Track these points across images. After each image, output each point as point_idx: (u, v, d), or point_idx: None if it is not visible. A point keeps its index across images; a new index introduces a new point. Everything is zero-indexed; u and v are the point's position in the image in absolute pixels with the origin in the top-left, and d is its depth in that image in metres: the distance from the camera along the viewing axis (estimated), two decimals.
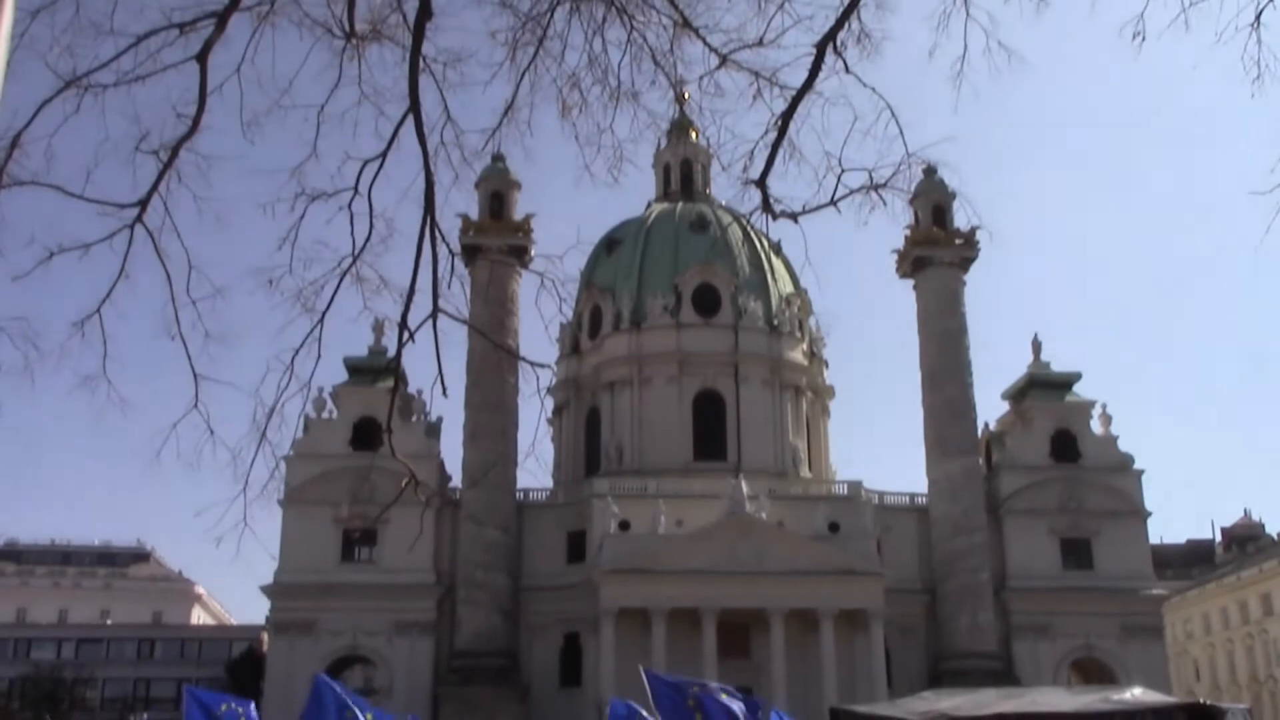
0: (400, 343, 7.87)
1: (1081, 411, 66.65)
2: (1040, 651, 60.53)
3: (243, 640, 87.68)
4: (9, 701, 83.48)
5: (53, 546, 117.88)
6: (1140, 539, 64.33)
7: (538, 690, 57.73)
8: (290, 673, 55.87)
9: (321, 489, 58.20)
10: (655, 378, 68.67)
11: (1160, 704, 10.51)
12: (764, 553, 56.03)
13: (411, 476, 8.05)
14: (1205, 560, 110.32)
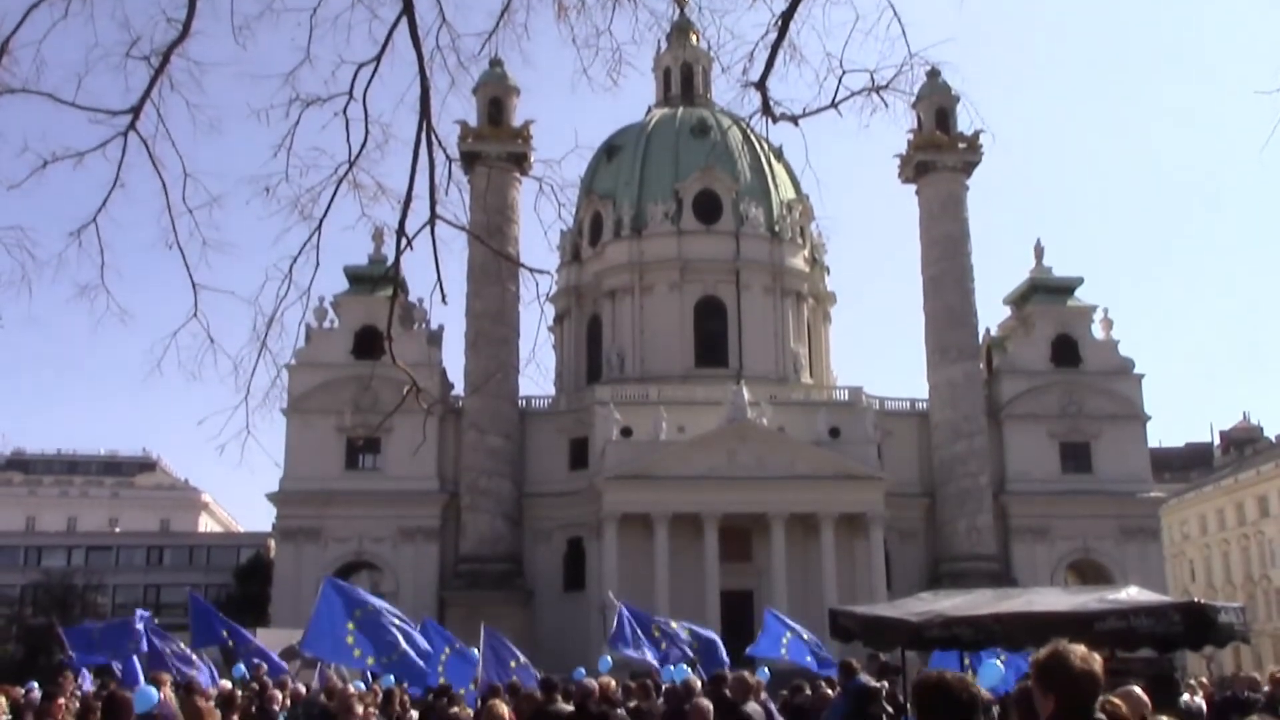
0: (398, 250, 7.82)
1: (1083, 316, 66.62)
2: (1038, 554, 61.25)
3: (250, 547, 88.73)
4: (22, 607, 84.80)
5: (59, 456, 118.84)
6: (1139, 442, 64.71)
7: (542, 594, 58.59)
8: (297, 578, 56.77)
9: (324, 398, 58.48)
10: (656, 285, 68.53)
11: (1155, 603, 10.65)
12: (765, 458, 56.46)
13: (413, 384, 8.06)
14: (1203, 463, 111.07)
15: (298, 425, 59.06)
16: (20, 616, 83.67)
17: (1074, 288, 68.26)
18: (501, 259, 47.57)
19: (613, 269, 69.77)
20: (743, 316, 67.76)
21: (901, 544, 60.62)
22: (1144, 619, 9.95)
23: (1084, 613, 10.20)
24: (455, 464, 60.44)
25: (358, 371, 54.93)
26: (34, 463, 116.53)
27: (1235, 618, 10.52)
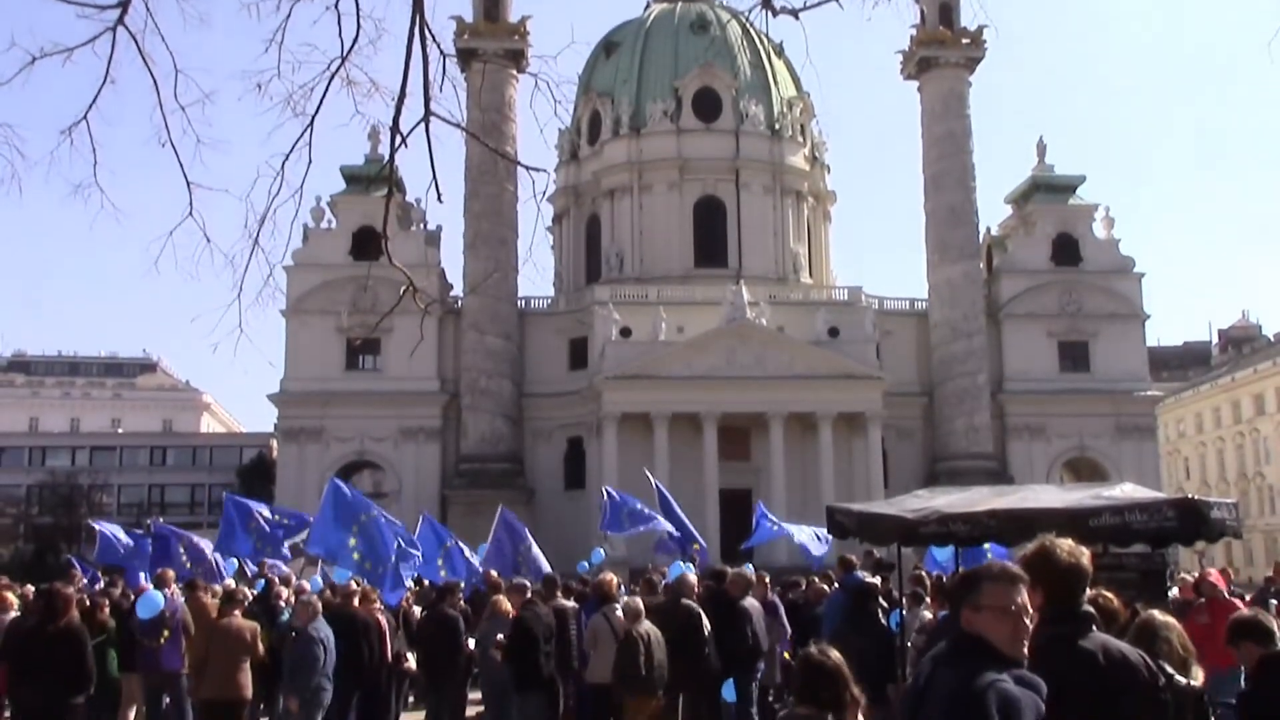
0: (393, 147, 7.71)
1: (1084, 215, 66.25)
2: (1035, 452, 61.72)
3: (252, 447, 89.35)
4: (28, 507, 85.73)
5: (60, 358, 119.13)
6: (1137, 341, 64.80)
7: (542, 493, 59.17)
8: (300, 478, 57.35)
9: (323, 299, 58.44)
10: (655, 184, 68.02)
11: (1149, 499, 10.73)
12: (764, 358, 56.58)
13: (410, 283, 8.02)
14: (1201, 362, 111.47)
15: (297, 326, 59.15)
16: (27, 516, 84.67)
17: (1076, 186, 67.79)
18: (499, 158, 47.18)
19: (611, 168, 69.17)
20: (742, 216, 67.37)
21: (899, 443, 61.05)
22: (1138, 515, 10.03)
23: (1079, 509, 10.28)
24: (455, 364, 60.62)
25: (356, 272, 54.86)
26: (35, 364, 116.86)
27: (1228, 514, 10.61)
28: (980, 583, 4.07)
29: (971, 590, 4.07)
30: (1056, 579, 4.43)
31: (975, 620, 3.97)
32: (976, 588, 4.06)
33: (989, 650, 3.87)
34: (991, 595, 3.99)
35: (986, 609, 3.96)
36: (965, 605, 4.04)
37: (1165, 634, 5.60)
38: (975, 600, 4.01)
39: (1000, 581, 4.03)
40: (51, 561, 59.31)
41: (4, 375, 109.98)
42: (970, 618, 3.99)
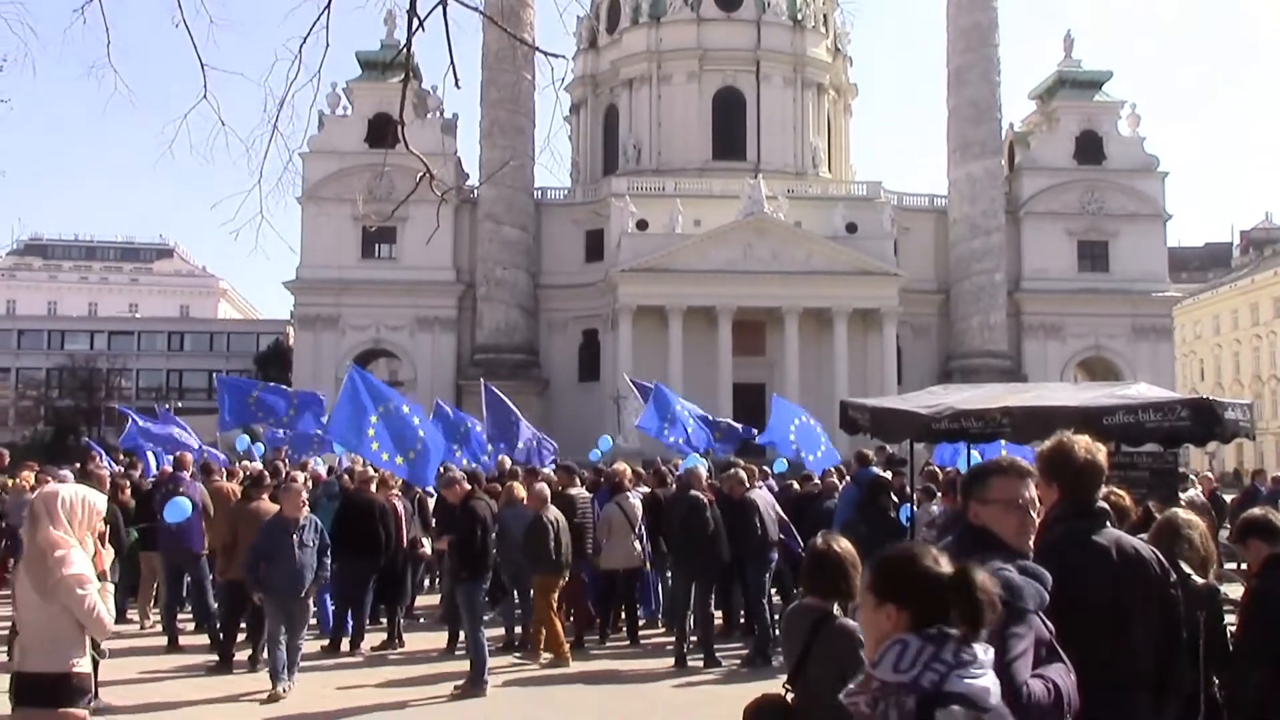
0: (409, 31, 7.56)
1: (1109, 111, 65.11)
2: (1050, 351, 61.61)
3: (269, 334, 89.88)
4: (48, 390, 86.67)
5: (77, 242, 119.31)
6: (1158, 242, 64.20)
7: (557, 384, 59.48)
8: (316, 365, 57.71)
9: (339, 186, 58.12)
10: (674, 74, 67.09)
11: (1163, 399, 10.71)
12: (780, 252, 56.33)
13: (426, 170, 7.93)
14: (1222, 263, 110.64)
15: (313, 213, 58.98)
16: (47, 399, 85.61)
17: (1102, 82, 66.55)
18: (517, 44, 46.44)
19: (630, 57, 68.16)
20: (762, 108, 66.51)
21: (914, 340, 61.02)
22: (1152, 414, 10.03)
23: (1093, 407, 10.27)
24: (471, 255, 60.50)
25: (372, 160, 54.48)
26: (53, 248, 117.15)
27: (1241, 415, 10.61)
28: (989, 477, 4.08)
29: (980, 484, 4.09)
30: (1073, 475, 4.44)
31: (982, 513, 4.00)
32: (985, 481, 4.08)
33: (995, 542, 3.91)
34: (1000, 489, 4.01)
35: (994, 502, 3.99)
36: (973, 499, 4.07)
37: (1187, 533, 5.62)
38: (983, 494, 4.04)
39: (1009, 475, 4.05)
40: (71, 444, 60.12)
41: (21, 258, 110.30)
42: (978, 510, 4.02)
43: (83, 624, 5.60)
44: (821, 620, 5.22)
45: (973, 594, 3.06)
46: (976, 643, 3.05)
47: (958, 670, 2.98)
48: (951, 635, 3.03)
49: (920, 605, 3.07)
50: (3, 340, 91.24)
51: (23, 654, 5.66)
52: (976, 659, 3.02)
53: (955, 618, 3.03)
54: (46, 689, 5.52)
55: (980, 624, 3.06)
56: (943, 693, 2.96)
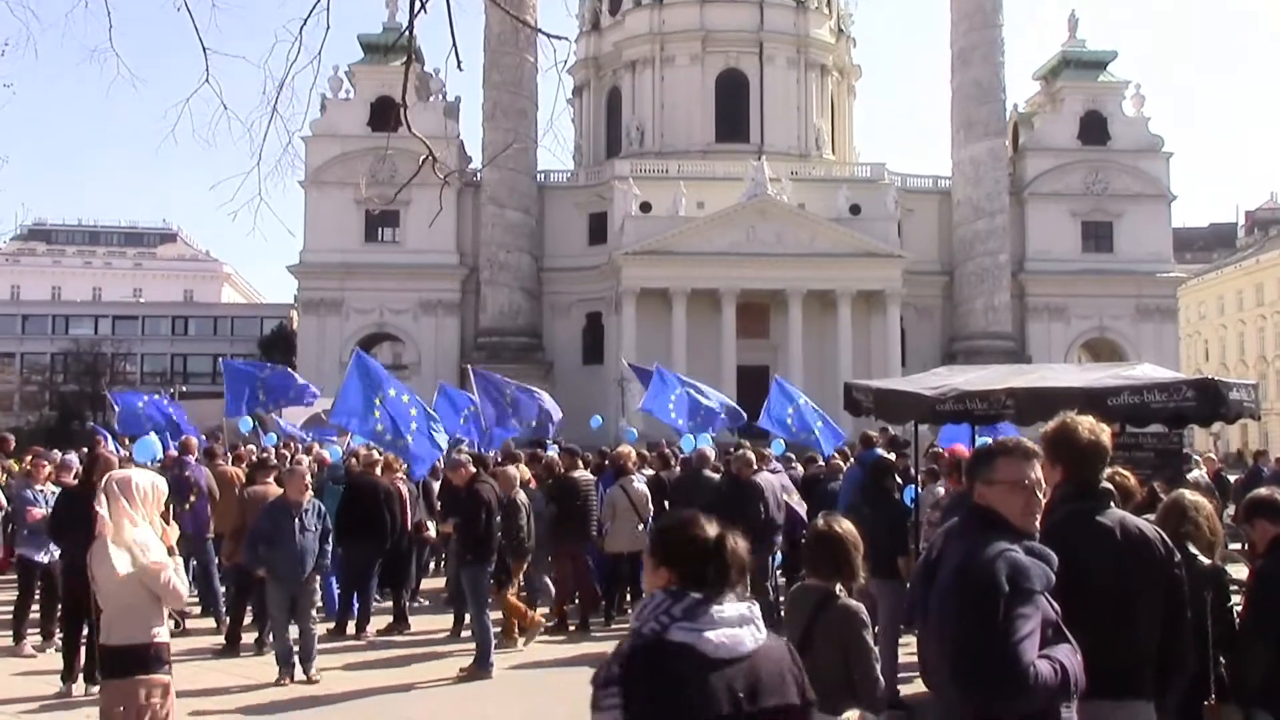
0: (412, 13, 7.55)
1: (1114, 92, 64.90)
2: (1054, 332, 61.56)
3: (273, 318, 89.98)
4: (53, 375, 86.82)
5: (80, 227, 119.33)
6: (1162, 222, 64.03)
7: (561, 367, 59.50)
8: (320, 349, 57.80)
9: (342, 169, 58.05)
10: (677, 56, 66.93)
11: (1168, 379, 10.69)
12: (784, 235, 56.28)
13: (429, 152, 7.91)
14: (1226, 244, 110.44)
15: (316, 197, 58.95)
16: (52, 384, 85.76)
17: (1107, 62, 66.32)
18: (519, 26, 46.35)
19: (633, 39, 67.99)
20: (765, 90, 66.38)
21: (918, 321, 60.99)
22: (1156, 394, 10.00)
23: (1097, 388, 10.24)
24: (474, 238, 60.49)
25: (375, 143, 54.44)
26: (56, 233, 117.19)
27: (1246, 395, 10.58)
28: (994, 457, 4.08)
29: (985, 464, 4.09)
30: (1077, 455, 4.44)
31: (988, 494, 4.00)
32: (990, 462, 4.07)
33: (1000, 523, 3.91)
34: (1005, 469, 4.00)
35: (1000, 483, 3.98)
36: (978, 479, 4.06)
37: (1194, 515, 5.62)
38: (989, 474, 4.03)
39: (1014, 456, 4.04)
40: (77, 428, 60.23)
41: (25, 244, 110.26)
42: (983, 491, 4.02)
43: (161, 597, 6.13)
44: (824, 600, 5.24)
45: (722, 557, 3.29)
46: (727, 601, 3.24)
47: (682, 622, 3.16)
48: (689, 593, 3.22)
49: (684, 567, 3.27)
50: (7, 325, 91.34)
51: (106, 629, 6.11)
52: (714, 614, 3.19)
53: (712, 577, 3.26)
54: (132, 659, 6.02)
55: (725, 583, 3.26)
56: (662, 640, 3.15)
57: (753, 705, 3.16)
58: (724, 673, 3.14)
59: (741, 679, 3.17)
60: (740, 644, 3.20)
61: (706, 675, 3.12)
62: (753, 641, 3.24)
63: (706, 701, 3.10)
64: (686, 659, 3.13)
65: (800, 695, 3.35)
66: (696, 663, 3.13)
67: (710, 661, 3.15)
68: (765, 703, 3.19)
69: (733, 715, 3.12)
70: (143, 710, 6.01)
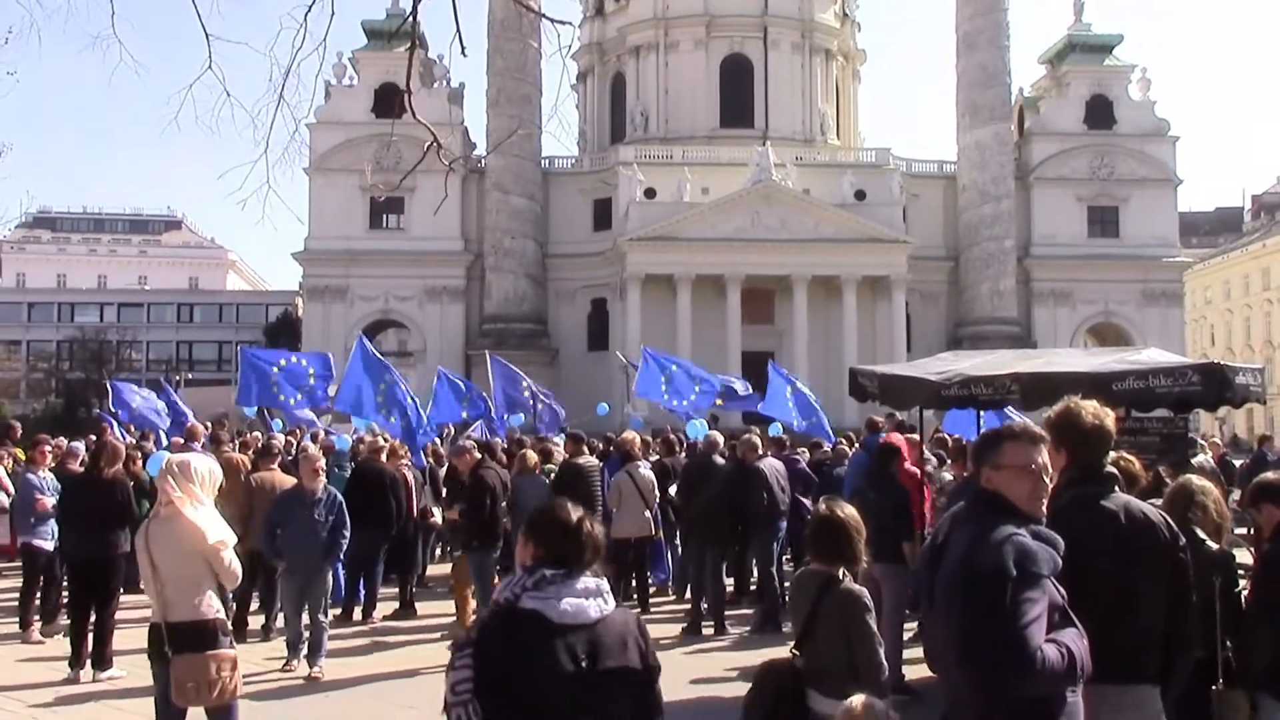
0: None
1: (1120, 76, 64.64)
2: (1059, 317, 61.45)
3: (278, 305, 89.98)
4: (58, 363, 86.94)
5: (85, 214, 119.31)
6: (1168, 206, 63.85)
7: (566, 353, 59.49)
8: (325, 336, 57.68)
9: (346, 156, 57.97)
10: (682, 41, 66.73)
11: (1173, 364, 10.66)
12: (789, 220, 56.18)
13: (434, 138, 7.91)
14: (1233, 228, 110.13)
15: (321, 184, 58.88)
16: (58, 371, 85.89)
17: (1113, 46, 66.06)
18: (523, 11, 46.19)
19: (637, 24, 67.78)
20: (770, 75, 66.17)
21: (923, 307, 60.90)
22: (1162, 379, 9.98)
23: (1102, 372, 10.22)
24: (479, 225, 60.44)
25: (379, 130, 54.39)
26: (61, 220, 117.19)
27: (1252, 379, 10.55)
28: (1001, 442, 4.08)
29: (992, 449, 4.09)
30: (1081, 440, 4.44)
31: (995, 479, 4.00)
32: (997, 447, 4.07)
33: (1007, 507, 3.91)
34: (1012, 454, 4.00)
35: (1006, 467, 3.98)
36: (985, 464, 4.06)
37: (1201, 499, 5.62)
38: (995, 459, 4.03)
39: (1021, 440, 4.04)
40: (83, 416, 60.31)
41: (30, 231, 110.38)
42: (990, 476, 4.02)
43: (219, 575, 6.50)
44: (827, 585, 5.25)
45: (578, 538, 3.67)
46: (579, 576, 3.62)
47: (533, 592, 3.55)
48: (543, 568, 3.61)
49: (547, 545, 3.68)
50: (13, 313, 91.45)
51: (168, 606, 6.42)
52: (565, 586, 3.58)
53: (572, 555, 3.66)
54: (199, 635, 6.36)
55: (581, 561, 3.65)
56: (514, 608, 3.55)
57: (594, 666, 3.53)
58: (568, 637, 3.53)
59: (584, 643, 3.54)
60: (585, 613, 3.57)
61: (552, 639, 3.51)
62: (598, 611, 3.61)
63: (551, 661, 3.49)
64: (534, 624, 3.52)
65: (642, 660, 3.68)
66: (544, 628, 3.51)
67: (556, 627, 3.52)
68: (605, 664, 3.55)
69: (575, 674, 3.49)
70: (214, 683, 6.33)
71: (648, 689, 3.72)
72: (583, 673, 3.51)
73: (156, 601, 6.49)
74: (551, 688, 3.47)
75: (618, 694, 3.60)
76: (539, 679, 3.48)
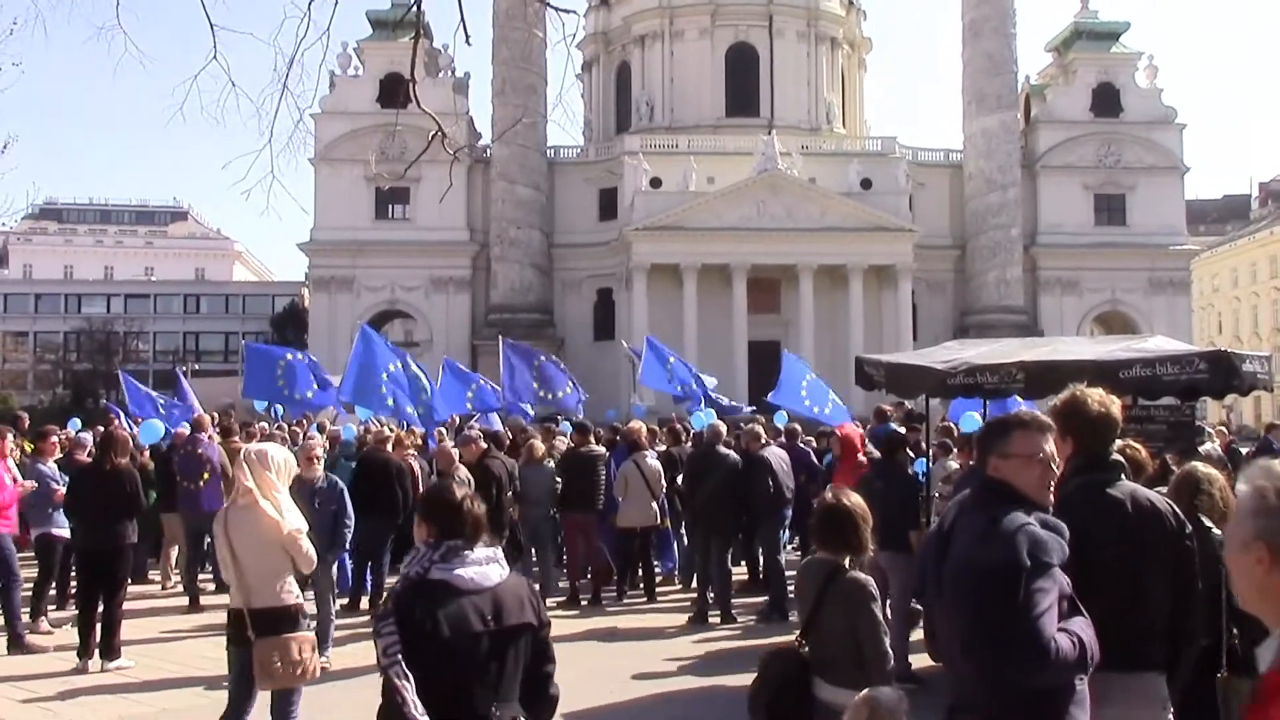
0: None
1: (1126, 63, 64.44)
2: (1066, 306, 61.36)
3: (285, 296, 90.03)
4: (65, 354, 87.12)
5: (91, 205, 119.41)
6: (1175, 194, 63.68)
7: (572, 343, 59.48)
8: (331, 326, 57.88)
9: (351, 146, 57.94)
10: (687, 30, 66.62)
11: (1180, 351, 10.63)
12: (795, 209, 56.09)
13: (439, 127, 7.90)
14: (1240, 215, 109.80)
15: (326, 175, 58.89)
16: (65, 362, 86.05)
17: (1119, 33, 65.84)
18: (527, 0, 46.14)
19: (642, 13, 67.66)
20: (775, 63, 66.03)
21: (929, 296, 60.82)
22: (1169, 367, 9.95)
23: (1109, 360, 10.19)
24: (484, 215, 60.45)
25: (384, 120, 54.33)
26: (67, 212, 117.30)
27: (1260, 366, 10.52)
28: (1010, 430, 4.07)
29: (1000, 437, 4.08)
30: (1086, 428, 4.43)
31: (1003, 467, 3.99)
32: (1006, 435, 4.06)
33: (1015, 496, 3.90)
34: (1020, 443, 3.99)
35: (1015, 456, 3.97)
36: (993, 453, 4.05)
37: (1207, 487, 5.61)
38: (1004, 448, 4.02)
39: (1029, 429, 4.03)
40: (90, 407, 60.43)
41: (36, 222, 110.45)
42: (998, 465, 4.01)
43: (296, 562, 6.81)
44: (833, 573, 5.25)
45: (464, 515, 4.25)
46: (476, 547, 4.22)
47: (440, 564, 4.15)
48: (445, 542, 4.20)
49: (440, 524, 4.27)
50: (20, 304, 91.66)
51: (248, 592, 6.67)
52: (465, 556, 4.18)
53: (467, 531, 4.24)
54: (280, 619, 6.63)
55: (473, 535, 4.24)
56: (425, 579, 4.13)
57: (498, 624, 4.13)
58: (474, 600, 4.12)
59: (488, 604, 4.14)
60: (486, 578, 4.19)
61: (460, 602, 4.10)
62: (498, 576, 4.23)
63: (462, 621, 4.07)
64: (444, 591, 4.11)
65: (536, 617, 4.30)
66: (452, 593, 4.11)
67: (463, 592, 4.12)
68: (507, 622, 4.16)
69: (482, 632, 4.09)
70: (296, 664, 6.63)
71: (542, 641, 4.36)
72: (489, 630, 4.12)
73: (237, 588, 6.73)
74: (465, 644, 4.06)
75: (519, 646, 4.22)
76: (454, 637, 4.05)
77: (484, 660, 4.11)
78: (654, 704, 9.51)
